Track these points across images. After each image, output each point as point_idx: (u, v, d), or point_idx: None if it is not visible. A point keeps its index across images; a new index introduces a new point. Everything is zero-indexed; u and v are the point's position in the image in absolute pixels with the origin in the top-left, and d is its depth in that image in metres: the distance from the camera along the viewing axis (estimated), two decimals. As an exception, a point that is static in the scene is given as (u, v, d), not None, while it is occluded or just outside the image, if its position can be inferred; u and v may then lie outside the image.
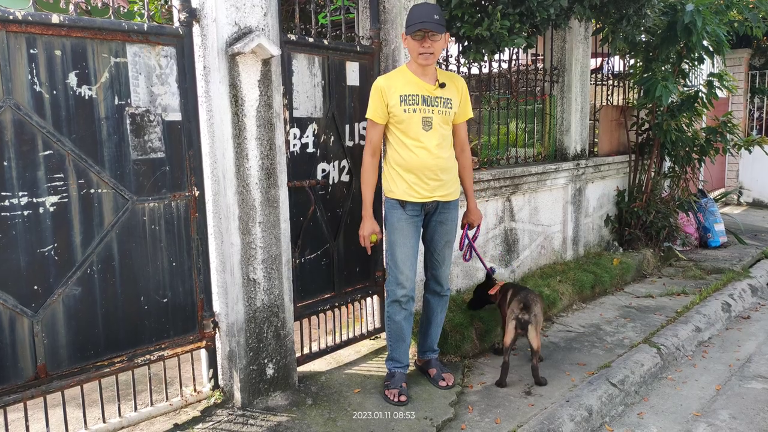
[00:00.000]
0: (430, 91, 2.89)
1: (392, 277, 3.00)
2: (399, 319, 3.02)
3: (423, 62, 2.84)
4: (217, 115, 2.67)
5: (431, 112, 2.88)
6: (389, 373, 3.10)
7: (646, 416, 3.03)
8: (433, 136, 2.88)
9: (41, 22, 2.25)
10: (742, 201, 9.69)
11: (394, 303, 3.01)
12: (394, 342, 3.08)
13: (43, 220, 2.32)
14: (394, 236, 2.97)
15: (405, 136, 2.88)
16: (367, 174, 2.98)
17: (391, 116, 2.88)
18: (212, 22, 2.61)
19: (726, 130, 5.91)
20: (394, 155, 2.94)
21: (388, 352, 3.15)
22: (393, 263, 2.99)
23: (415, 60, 2.87)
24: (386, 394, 2.98)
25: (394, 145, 2.92)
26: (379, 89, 2.87)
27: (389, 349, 3.12)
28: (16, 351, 2.31)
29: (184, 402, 2.85)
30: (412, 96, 2.86)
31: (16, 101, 2.22)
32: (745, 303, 4.84)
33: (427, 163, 2.88)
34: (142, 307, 2.64)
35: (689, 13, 4.61)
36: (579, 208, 5.32)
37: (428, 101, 2.88)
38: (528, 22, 3.77)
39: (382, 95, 2.86)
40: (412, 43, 2.82)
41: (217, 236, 2.79)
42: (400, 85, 2.86)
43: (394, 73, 2.97)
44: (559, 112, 5.23)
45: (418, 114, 2.86)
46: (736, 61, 9.32)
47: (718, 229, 6.60)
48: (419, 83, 2.88)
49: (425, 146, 2.87)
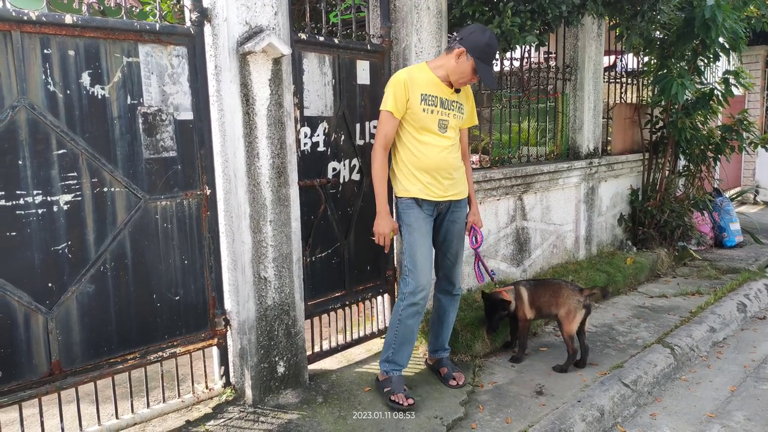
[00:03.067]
0: (448, 95, 2.90)
1: (412, 279, 2.88)
2: (412, 322, 2.93)
3: (458, 85, 2.89)
4: (228, 114, 2.69)
5: (447, 115, 2.89)
6: (387, 378, 2.97)
7: (659, 417, 3.00)
8: (447, 138, 2.90)
9: (55, 22, 2.27)
10: (758, 200, 9.55)
11: (411, 306, 2.89)
12: (400, 345, 2.97)
13: (57, 218, 2.35)
14: (413, 236, 2.89)
15: (421, 135, 2.86)
16: (380, 168, 2.88)
17: (408, 113, 2.83)
18: (223, 22, 2.62)
19: (742, 127, 5.82)
20: (407, 155, 2.90)
21: (386, 354, 3.00)
22: (413, 265, 2.88)
23: (453, 79, 2.85)
24: (392, 399, 2.86)
25: (408, 144, 2.88)
26: (403, 82, 2.80)
27: (391, 351, 2.98)
28: (30, 347, 2.34)
29: (195, 399, 2.88)
30: (432, 97, 2.85)
31: (31, 101, 2.25)
32: (761, 303, 4.77)
33: (442, 164, 2.88)
34: (155, 305, 2.66)
35: (710, 8, 4.53)
36: (592, 207, 5.28)
37: (446, 104, 2.89)
38: (539, 19, 3.74)
39: (405, 88, 2.80)
40: (471, 72, 2.79)
41: (229, 234, 2.81)
42: (422, 83, 2.84)
43: (415, 69, 2.91)
44: (572, 110, 5.19)
45: (435, 115, 2.86)
46: (753, 58, 9.19)
47: (733, 229, 6.51)
48: (440, 86, 2.88)
49: (441, 147, 2.88)
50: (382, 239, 2.92)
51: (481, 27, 2.84)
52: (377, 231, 2.92)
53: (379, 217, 2.91)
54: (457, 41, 2.81)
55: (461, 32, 2.85)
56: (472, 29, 2.82)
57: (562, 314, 3.34)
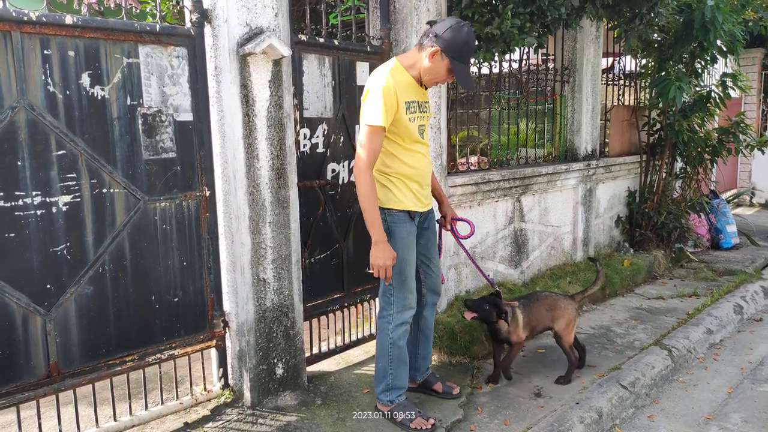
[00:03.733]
0: (422, 97, 2.69)
1: (399, 299, 2.67)
2: (403, 342, 2.73)
3: (431, 85, 2.69)
4: (228, 116, 2.68)
5: (423, 119, 2.70)
6: (395, 406, 2.74)
7: (656, 419, 3.01)
8: (427, 144, 2.74)
9: (55, 23, 2.26)
10: (754, 202, 9.60)
11: (400, 326, 2.70)
12: (397, 368, 2.73)
13: (56, 219, 2.34)
14: (405, 252, 2.64)
15: (410, 144, 2.64)
16: (370, 189, 2.51)
17: (394, 123, 2.55)
18: (223, 23, 2.62)
19: (739, 130, 5.85)
20: (395, 164, 2.63)
21: (385, 383, 2.74)
22: (401, 283, 2.66)
23: (426, 79, 2.61)
24: (414, 428, 2.65)
25: (398, 154, 2.62)
26: (394, 92, 2.49)
27: (391, 378, 2.73)
28: (29, 349, 2.33)
29: (194, 401, 2.87)
30: (413, 103, 2.61)
31: (30, 101, 2.24)
32: (758, 305, 4.79)
33: (425, 171, 2.73)
34: (153, 307, 2.65)
35: (710, 8, 4.53)
36: (589, 209, 5.29)
37: (422, 107, 2.69)
38: (539, 21, 3.75)
39: (397, 98, 2.50)
40: (446, 72, 2.56)
41: (228, 236, 2.80)
42: (404, 89, 2.56)
43: (396, 73, 2.56)
44: (570, 112, 5.20)
45: (417, 122, 2.64)
46: (749, 61, 9.23)
47: (730, 231, 6.54)
48: (417, 88, 2.65)
49: (424, 153, 2.71)
50: (383, 272, 2.55)
51: (458, 22, 2.53)
52: (377, 264, 2.53)
53: (377, 248, 2.53)
54: (431, 38, 2.52)
55: (435, 26, 2.54)
56: (448, 24, 2.51)
57: (561, 327, 3.24)
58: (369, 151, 2.50)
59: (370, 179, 2.52)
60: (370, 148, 2.50)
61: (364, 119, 2.52)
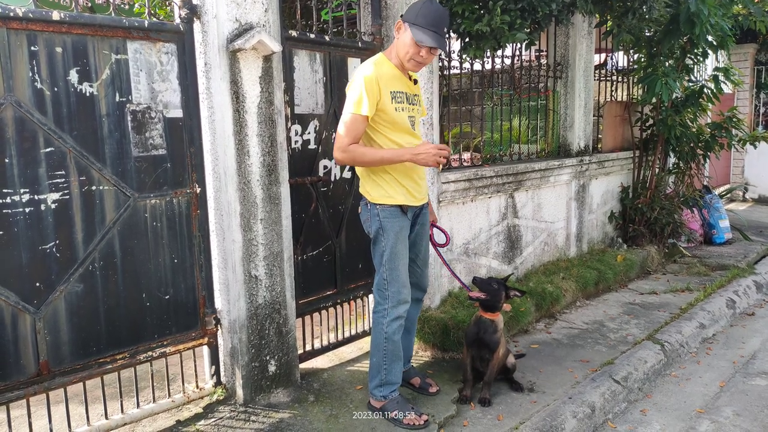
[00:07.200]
0: (410, 89, 2.70)
1: (393, 293, 2.67)
2: (398, 338, 2.72)
3: (412, 69, 2.65)
4: (218, 112, 2.67)
5: (413, 111, 2.70)
6: (388, 402, 2.74)
7: (649, 413, 3.02)
8: (418, 136, 2.73)
9: (42, 19, 2.24)
10: (747, 197, 9.64)
11: (395, 320, 2.69)
12: (391, 363, 2.73)
13: (45, 217, 2.32)
14: (397, 247, 2.66)
15: (398, 136, 2.63)
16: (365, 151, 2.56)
17: (379, 113, 2.56)
18: (213, 19, 2.60)
19: (731, 125, 5.87)
20: None
21: (379, 378, 2.74)
22: (395, 278, 2.67)
23: (403, 61, 2.60)
24: (407, 424, 2.65)
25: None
26: (376, 81, 2.51)
27: (385, 373, 2.73)
28: (18, 348, 2.31)
29: (186, 398, 2.86)
30: (399, 93, 2.61)
31: (18, 98, 2.22)
32: (750, 300, 4.82)
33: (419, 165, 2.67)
34: (144, 304, 2.64)
35: (695, 1, 4.53)
36: (583, 205, 5.30)
37: (410, 99, 2.68)
38: (530, 17, 3.75)
39: (379, 88, 2.52)
40: (411, 43, 2.52)
41: (219, 233, 2.79)
42: (388, 79, 2.58)
43: (379, 63, 2.60)
44: (563, 108, 5.21)
45: (405, 113, 2.64)
46: (741, 57, 9.26)
47: (722, 226, 6.57)
48: (402, 79, 2.65)
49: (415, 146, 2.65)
50: (440, 158, 2.53)
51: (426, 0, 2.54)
52: (429, 160, 2.51)
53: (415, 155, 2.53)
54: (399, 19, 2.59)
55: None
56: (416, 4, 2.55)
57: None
58: (351, 134, 2.54)
59: (358, 148, 2.55)
60: (352, 132, 2.54)
61: (347, 108, 2.57)
